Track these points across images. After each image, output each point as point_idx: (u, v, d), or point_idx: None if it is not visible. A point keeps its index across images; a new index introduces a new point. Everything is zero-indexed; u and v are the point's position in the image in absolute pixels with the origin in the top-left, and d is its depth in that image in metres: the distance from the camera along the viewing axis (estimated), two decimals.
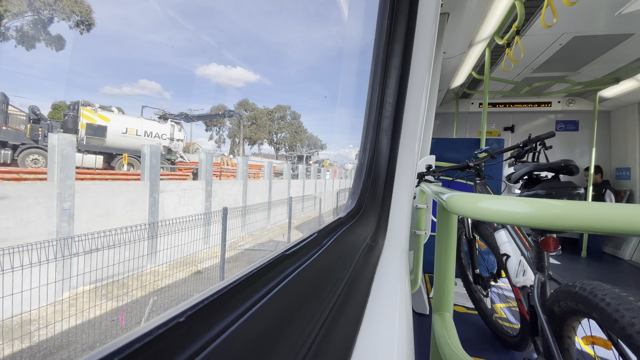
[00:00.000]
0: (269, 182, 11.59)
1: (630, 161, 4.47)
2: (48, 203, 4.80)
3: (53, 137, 5.05)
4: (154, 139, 14.70)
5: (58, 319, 3.83)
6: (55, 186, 4.91)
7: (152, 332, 0.19)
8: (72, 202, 5.09)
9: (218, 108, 22.53)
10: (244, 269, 0.33)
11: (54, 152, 5.02)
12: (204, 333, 0.22)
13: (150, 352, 0.18)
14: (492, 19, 2.55)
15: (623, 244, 4.21)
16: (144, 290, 5.08)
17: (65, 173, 5.02)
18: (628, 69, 3.64)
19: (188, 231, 5.84)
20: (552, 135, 1.68)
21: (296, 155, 30.61)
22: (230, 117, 21.62)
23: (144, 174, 6.77)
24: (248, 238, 8.89)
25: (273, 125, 46.67)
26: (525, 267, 1.48)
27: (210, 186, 8.46)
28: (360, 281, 0.52)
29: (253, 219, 9.37)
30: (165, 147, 15.32)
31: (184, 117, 18.27)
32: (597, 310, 0.82)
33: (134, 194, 6.30)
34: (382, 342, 0.38)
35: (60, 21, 19.14)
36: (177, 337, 0.20)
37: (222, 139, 45.19)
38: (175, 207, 7.37)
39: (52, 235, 4.73)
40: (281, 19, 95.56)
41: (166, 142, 15.41)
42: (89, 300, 4.54)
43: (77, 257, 4.24)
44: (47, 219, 4.78)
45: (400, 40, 0.94)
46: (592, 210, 0.42)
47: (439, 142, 3.15)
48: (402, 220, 0.96)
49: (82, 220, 5.29)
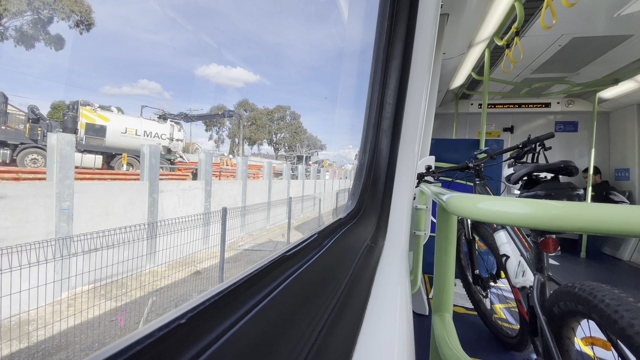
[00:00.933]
0: (269, 183, 11.55)
1: (629, 162, 4.48)
2: (47, 203, 4.79)
3: (52, 137, 5.05)
4: (153, 139, 14.63)
5: (57, 319, 3.81)
6: (54, 186, 4.90)
7: (153, 334, 0.19)
8: (71, 202, 5.07)
9: (218, 108, 22.23)
10: (243, 269, 0.33)
11: (53, 152, 5.01)
12: (205, 335, 0.22)
13: (152, 354, 0.18)
14: (492, 20, 2.55)
15: (622, 245, 4.21)
16: (142, 291, 5.08)
17: (64, 173, 5.02)
18: (627, 70, 3.65)
19: (186, 231, 5.82)
20: (552, 136, 1.68)
21: (296, 155, 30.42)
22: (230, 117, 21.51)
23: (143, 173, 6.76)
24: (247, 238, 8.88)
25: (272, 125, 46.58)
26: (525, 268, 1.48)
27: (209, 186, 8.43)
28: (360, 282, 0.52)
29: (252, 219, 9.34)
30: (164, 147, 15.24)
31: (184, 117, 18.17)
32: (597, 311, 0.82)
33: (133, 194, 6.28)
34: (382, 343, 0.38)
35: (60, 21, 19.13)
36: (178, 338, 0.20)
37: (222, 139, 45.27)
38: (174, 207, 7.35)
39: (50, 235, 4.71)
40: (282, 19, 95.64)
41: (165, 142, 15.34)
42: (87, 300, 4.53)
43: (75, 257, 4.23)
44: (46, 218, 4.76)
45: (400, 41, 0.94)
46: (592, 211, 0.42)
47: (438, 143, 3.15)
48: (401, 221, 0.96)
49: (81, 220, 5.28)
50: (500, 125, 5.46)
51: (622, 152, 4.63)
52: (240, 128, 27.02)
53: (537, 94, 4.84)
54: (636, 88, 3.90)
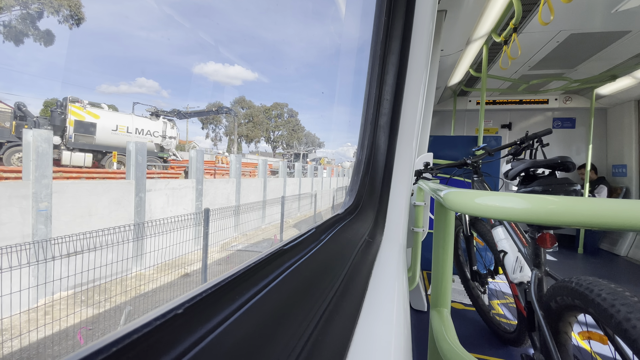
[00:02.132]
0: (264, 181, 11.31)
1: (627, 158, 4.50)
2: (22, 204, 4.49)
3: (28, 133, 4.70)
4: (145, 137, 14.12)
5: (32, 327, 3.54)
6: (31, 185, 4.59)
7: (150, 324, 0.19)
8: (49, 202, 4.81)
9: (214, 105, 21.39)
10: (232, 269, 0.33)
11: (29, 149, 4.68)
12: (202, 325, 0.22)
13: (148, 343, 0.18)
14: (490, 17, 2.55)
15: (619, 241, 4.24)
16: (119, 298, 4.73)
17: (41, 172, 4.70)
18: (625, 66, 3.65)
19: (172, 233, 5.48)
20: (549, 132, 1.69)
21: (293, 153, 30.11)
22: (225, 113, 20.97)
23: (129, 172, 6.44)
24: (241, 238, 8.72)
25: (270, 123, 46.15)
26: (523, 264, 1.49)
27: (201, 185, 8.18)
28: (357, 276, 0.52)
29: (246, 219, 9.06)
30: (157, 145, 14.78)
31: (177, 114, 17.70)
32: (593, 305, 0.83)
33: (119, 194, 6.01)
34: (379, 336, 0.38)
35: (50, 16, 18.84)
36: (175, 329, 0.20)
37: (219, 137, 44.84)
38: (163, 206, 7.05)
39: (27, 238, 4.44)
40: (278, 16, 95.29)
41: (158, 140, 14.87)
42: (66, 307, 4.27)
43: (53, 261, 3.97)
44: (21, 220, 4.47)
45: (398, 38, 0.94)
46: (588, 205, 0.42)
47: (436, 140, 3.15)
48: (399, 217, 0.96)
49: (61, 221, 4.99)
50: (498, 122, 5.47)
51: (619, 148, 4.65)
52: (235, 125, 26.57)
53: (534, 91, 4.85)
54: (634, 84, 3.91)
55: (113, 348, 0.16)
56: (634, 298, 0.76)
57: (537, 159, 1.48)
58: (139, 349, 0.17)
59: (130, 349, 0.17)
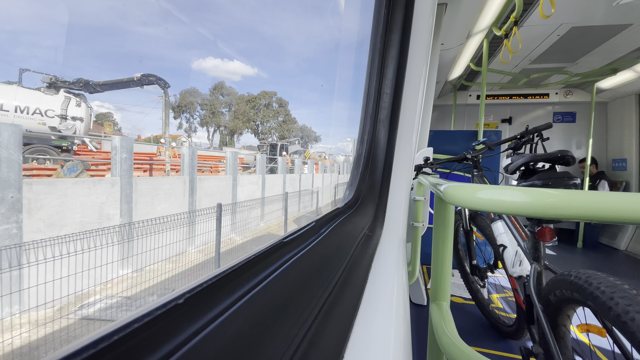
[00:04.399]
0: (233, 178, 9.21)
1: (627, 152, 4.49)
2: None
3: None
4: (32, 117, 10.13)
5: None
6: None
7: (151, 313, 0.19)
8: None
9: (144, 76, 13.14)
10: (233, 261, 0.33)
11: None
12: (202, 315, 0.22)
13: (149, 332, 0.18)
14: (490, 10, 2.53)
15: (618, 235, 4.25)
16: None
17: None
18: (626, 59, 3.63)
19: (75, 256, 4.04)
20: (550, 126, 1.68)
21: (269, 143, 23.74)
22: (148, 85, 14.48)
23: None
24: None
25: (257, 113, 41.44)
26: (522, 258, 1.50)
27: (130, 187, 6.10)
28: (357, 270, 0.52)
29: (198, 231, 6.45)
30: (52, 129, 10.45)
31: (84, 86, 12.66)
32: (592, 298, 0.83)
33: None
34: (379, 329, 0.38)
35: None
36: (175, 318, 0.20)
37: (193, 128, 40.59)
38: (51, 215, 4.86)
39: None
40: (277, 10, 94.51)
41: (54, 122, 10.59)
42: None
43: None
44: None
45: (398, 31, 0.93)
46: (588, 198, 0.42)
47: (436, 134, 3.14)
48: (399, 211, 0.96)
49: None
50: (498, 117, 5.45)
51: (619, 142, 4.64)
52: (166, 101, 16.11)
53: (535, 85, 4.83)
54: (634, 78, 3.90)
55: (114, 336, 0.16)
56: (633, 291, 0.77)
57: (537, 153, 1.48)
58: (139, 337, 0.17)
59: (131, 337, 0.17)
